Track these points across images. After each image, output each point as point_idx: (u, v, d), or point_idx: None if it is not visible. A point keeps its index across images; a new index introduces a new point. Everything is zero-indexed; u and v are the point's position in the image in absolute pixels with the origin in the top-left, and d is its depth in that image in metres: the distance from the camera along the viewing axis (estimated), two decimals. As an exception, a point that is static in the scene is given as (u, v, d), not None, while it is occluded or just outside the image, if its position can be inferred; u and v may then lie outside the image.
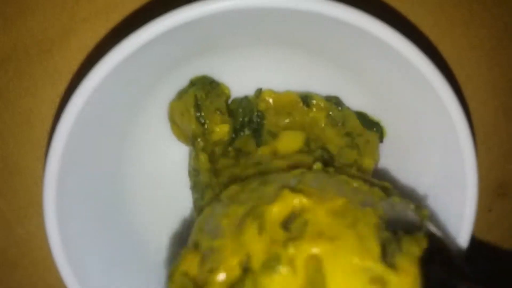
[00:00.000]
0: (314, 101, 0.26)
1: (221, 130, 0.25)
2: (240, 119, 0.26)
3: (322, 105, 0.26)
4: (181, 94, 0.26)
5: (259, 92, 0.26)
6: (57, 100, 0.28)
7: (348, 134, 0.26)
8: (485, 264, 0.26)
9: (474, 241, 0.24)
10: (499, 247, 0.32)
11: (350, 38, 0.22)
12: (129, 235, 0.27)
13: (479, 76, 0.30)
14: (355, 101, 0.27)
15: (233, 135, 0.26)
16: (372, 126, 0.27)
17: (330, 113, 0.26)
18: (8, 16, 0.27)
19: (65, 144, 0.21)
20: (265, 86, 0.27)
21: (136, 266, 0.26)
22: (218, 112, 0.25)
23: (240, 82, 0.26)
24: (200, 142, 0.25)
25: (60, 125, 0.21)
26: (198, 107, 0.25)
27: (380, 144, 0.27)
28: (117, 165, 0.26)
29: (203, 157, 0.25)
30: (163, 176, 0.28)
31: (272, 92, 0.26)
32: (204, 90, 0.25)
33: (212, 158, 0.25)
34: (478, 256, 0.30)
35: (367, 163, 0.26)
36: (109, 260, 0.25)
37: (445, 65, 0.29)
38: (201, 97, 0.25)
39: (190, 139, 0.26)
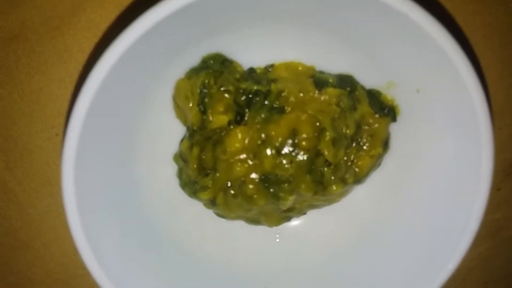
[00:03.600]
0: (327, 89, 0.26)
1: (220, 121, 0.25)
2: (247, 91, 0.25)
3: (334, 93, 0.26)
4: (191, 74, 0.25)
5: (270, 66, 0.26)
6: (67, 79, 0.27)
7: (357, 124, 0.26)
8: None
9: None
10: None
11: (365, 12, 0.22)
12: (140, 214, 0.27)
13: (491, 54, 0.29)
14: (369, 78, 0.26)
15: (238, 118, 0.25)
16: (383, 109, 0.26)
17: (341, 104, 0.25)
18: (15, -7, 0.27)
19: (82, 124, 0.21)
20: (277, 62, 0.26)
21: (146, 242, 0.27)
22: (225, 95, 0.25)
23: (252, 59, 0.26)
24: (196, 133, 0.25)
25: (77, 105, 0.21)
26: (203, 94, 0.25)
27: (393, 124, 0.27)
28: (130, 145, 0.26)
29: (195, 150, 0.25)
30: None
31: (284, 65, 0.26)
32: (214, 74, 0.25)
33: (203, 148, 0.25)
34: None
35: (362, 164, 0.26)
36: (123, 237, 0.25)
37: (459, 41, 0.28)
38: (209, 84, 0.25)
39: (187, 123, 0.26)
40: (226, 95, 0.25)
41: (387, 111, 0.26)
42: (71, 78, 0.27)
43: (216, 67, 0.25)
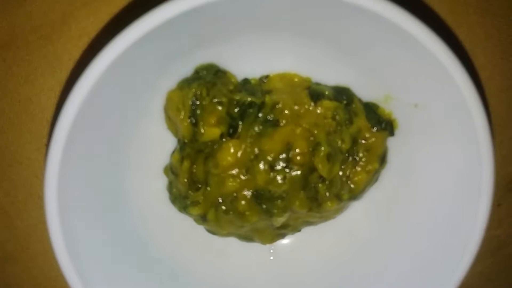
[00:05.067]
0: (322, 101, 0.25)
1: (212, 133, 0.24)
2: (240, 102, 0.25)
3: (329, 106, 0.25)
4: (183, 85, 0.25)
5: (265, 77, 0.26)
6: (58, 89, 0.27)
7: (353, 139, 0.25)
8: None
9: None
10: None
11: (362, 25, 0.21)
12: (128, 229, 0.26)
13: (493, 67, 0.29)
14: (366, 91, 0.26)
15: (231, 131, 0.25)
16: (380, 123, 0.26)
17: (337, 117, 0.25)
18: (5, 0, 0.26)
19: (68, 135, 0.21)
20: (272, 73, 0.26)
21: (134, 259, 0.26)
22: (217, 107, 0.24)
23: (247, 70, 0.26)
24: (187, 146, 0.24)
25: (62, 115, 0.20)
26: (195, 106, 0.24)
27: (391, 138, 0.26)
28: (119, 156, 0.25)
29: (186, 164, 0.24)
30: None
31: (279, 76, 0.26)
32: (206, 85, 0.24)
33: (194, 161, 0.24)
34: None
35: (358, 179, 0.26)
36: (109, 253, 0.25)
37: (460, 53, 0.28)
38: (201, 95, 0.24)
39: (179, 135, 0.25)
40: (219, 107, 0.24)
41: (385, 125, 0.26)
42: (61, 87, 0.27)
43: (209, 77, 0.25)
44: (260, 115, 0.24)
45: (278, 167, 0.24)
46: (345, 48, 0.24)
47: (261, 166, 0.24)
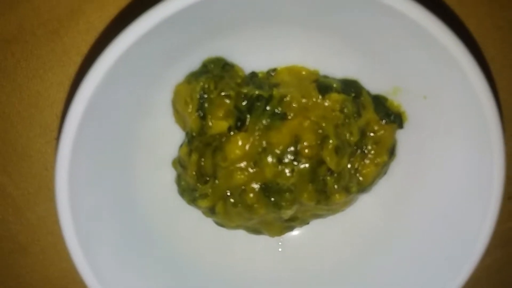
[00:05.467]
0: (331, 94, 0.25)
1: (220, 126, 0.24)
2: (248, 95, 0.25)
3: (338, 98, 0.25)
4: (191, 78, 0.25)
5: (273, 70, 0.26)
6: (66, 83, 0.27)
7: (361, 131, 0.25)
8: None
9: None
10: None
11: (371, 15, 0.21)
12: (138, 221, 0.26)
13: (503, 58, 0.28)
14: (374, 84, 0.26)
15: (238, 124, 0.25)
16: (389, 115, 0.26)
17: (345, 110, 0.25)
18: (13, -5, 0.26)
19: (77, 129, 0.21)
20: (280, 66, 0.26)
21: (144, 250, 0.26)
22: (225, 100, 0.24)
23: (254, 63, 0.25)
24: (195, 139, 0.24)
25: (72, 109, 0.21)
26: (202, 100, 0.24)
27: (400, 130, 0.26)
28: (127, 150, 0.25)
29: (194, 157, 0.24)
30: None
31: (287, 69, 0.25)
32: (214, 79, 0.24)
33: (203, 155, 0.24)
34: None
35: (366, 172, 0.26)
36: (119, 244, 0.25)
37: (469, 45, 0.27)
38: (209, 89, 0.24)
39: (187, 128, 0.25)
40: (227, 100, 0.24)
41: (393, 117, 0.26)
42: (69, 81, 0.27)
43: (216, 71, 0.24)
44: (268, 108, 0.24)
45: (286, 160, 0.24)
46: (353, 41, 0.24)
47: (269, 159, 0.24)
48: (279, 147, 0.24)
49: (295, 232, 0.28)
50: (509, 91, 0.29)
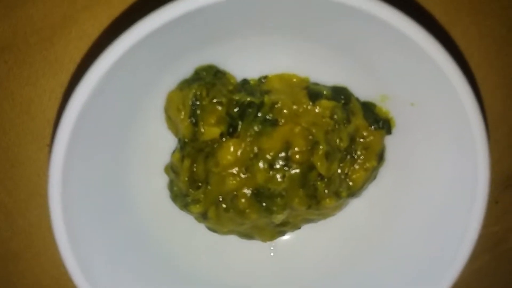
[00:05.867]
0: (321, 101, 0.25)
1: (212, 133, 0.24)
2: (239, 102, 0.25)
3: (328, 105, 0.25)
4: (183, 85, 0.25)
5: (264, 77, 0.26)
6: (59, 90, 0.27)
7: (351, 137, 0.26)
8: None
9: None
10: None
11: (359, 25, 0.22)
12: (130, 227, 0.26)
13: (488, 65, 0.29)
14: (363, 91, 0.26)
15: (230, 130, 0.25)
16: (378, 122, 0.26)
17: (335, 116, 0.25)
18: (6, 3, 0.26)
19: (70, 135, 0.21)
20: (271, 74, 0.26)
21: (137, 256, 0.26)
22: (217, 107, 0.24)
23: (246, 71, 0.26)
24: (187, 145, 0.25)
25: (65, 115, 0.21)
26: (195, 106, 0.24)
27: (388, 136, 0.27)
28: (120, 156, 0.26)
29: (187, 163, 0.25)
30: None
31: (278, 77, 0.26)
32: (206, 86, 0.24)
33: (195, 160, 0.25)
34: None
35: (356, 177, 0.26)
36: (111, 250, 0.25)
37: (455, 53, 0.28)
38: (201, 96, 0.24)
39: (179, 135, 0.26)
40: (219, 107, 0.24)
41: (382, 124, 0.26)
42: (62, 88, 0.27)
43: (208, 78, 0.25)
44: (259, 114, 0.25)
45: (277, 166, 0.24)
46: (342, 49, 0.25)
47: (261, 164, 0.24)
48: (270, 152, 0.24)
49: (287, 237, 0.29)
50: (494, 98, 0.30)
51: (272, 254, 0.29)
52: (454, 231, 0.25)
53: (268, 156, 0.24)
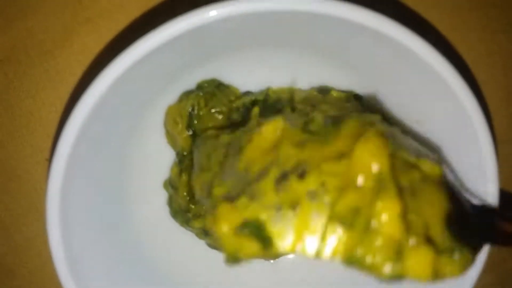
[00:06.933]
0: (331, 92, 0.25)
1: None
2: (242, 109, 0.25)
3: (340, 95, 0.24)
4: (182, 97, 0.25)
5: (267, 89, 0.26)
6: (59, 103, 0.27)
7: None
8: None
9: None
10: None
11: (365, 42, 0.21)
12: (129, 244, 0.26)
13: (494, 82, 0.29)
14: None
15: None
16: None
17: (350, 104, 0.24)
18: (7, 15, 0.26)
19: (70, 150, 0.20)
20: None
21: (136, 274, 0.26)
22: (217, 116, 0.24)
23: (248, 85, 0.25)
24: (186, 158, 0.24)
25: (66, 131, 0.20)
26: (191, 117, 0.24)
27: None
28: (120, 172, 0.25)
29: (185, 177, 0.24)
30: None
31: (281, 90, 0.25)
32: (205, 96, 0.24)
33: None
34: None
35: None
36: (109, 268, 0.24)
37: (461, 70, 0.28)
38: (199, 106, 0.24)
39: (177, 148, 0.25)
40: (219, 116, 0.24)
41: None
42: (62, 102, 0.27)
43: (209, 89, 0.24)
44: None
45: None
46: (346, 65, 0.24)
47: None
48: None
49: (290, 255, 0.28)
50: (501, 114, 0.29)
51: (273, 273, 0.28)
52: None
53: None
